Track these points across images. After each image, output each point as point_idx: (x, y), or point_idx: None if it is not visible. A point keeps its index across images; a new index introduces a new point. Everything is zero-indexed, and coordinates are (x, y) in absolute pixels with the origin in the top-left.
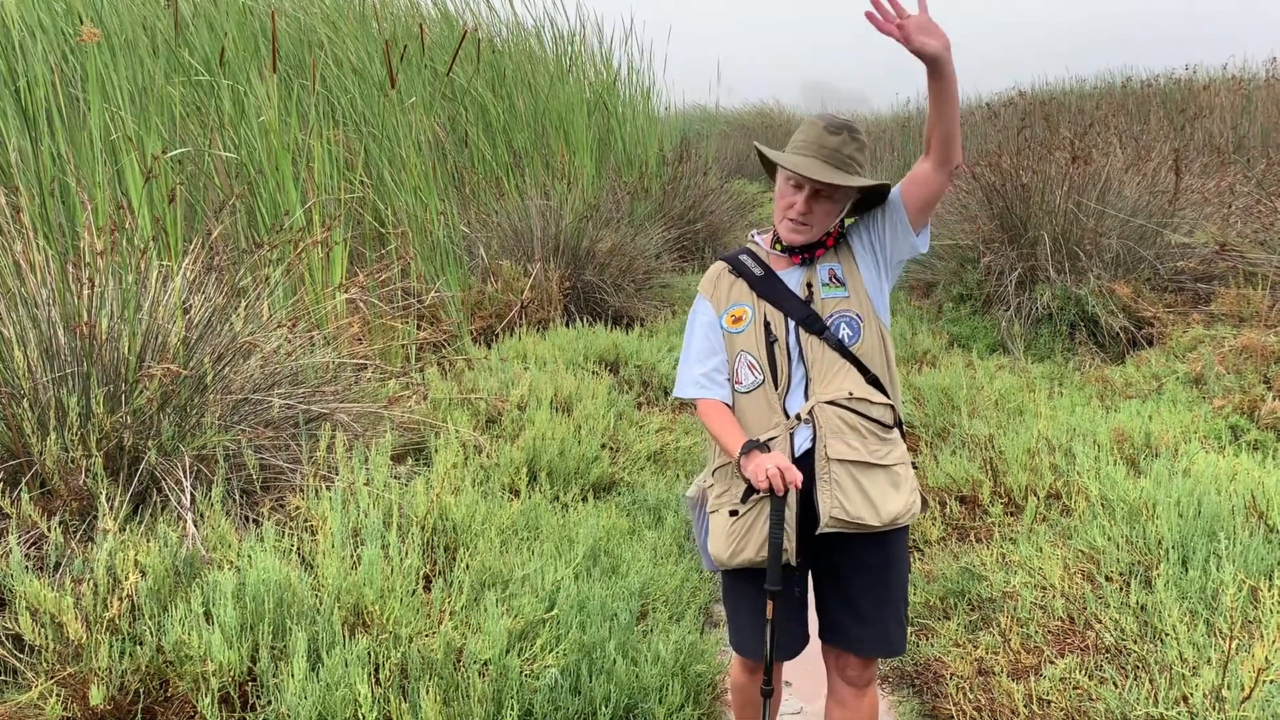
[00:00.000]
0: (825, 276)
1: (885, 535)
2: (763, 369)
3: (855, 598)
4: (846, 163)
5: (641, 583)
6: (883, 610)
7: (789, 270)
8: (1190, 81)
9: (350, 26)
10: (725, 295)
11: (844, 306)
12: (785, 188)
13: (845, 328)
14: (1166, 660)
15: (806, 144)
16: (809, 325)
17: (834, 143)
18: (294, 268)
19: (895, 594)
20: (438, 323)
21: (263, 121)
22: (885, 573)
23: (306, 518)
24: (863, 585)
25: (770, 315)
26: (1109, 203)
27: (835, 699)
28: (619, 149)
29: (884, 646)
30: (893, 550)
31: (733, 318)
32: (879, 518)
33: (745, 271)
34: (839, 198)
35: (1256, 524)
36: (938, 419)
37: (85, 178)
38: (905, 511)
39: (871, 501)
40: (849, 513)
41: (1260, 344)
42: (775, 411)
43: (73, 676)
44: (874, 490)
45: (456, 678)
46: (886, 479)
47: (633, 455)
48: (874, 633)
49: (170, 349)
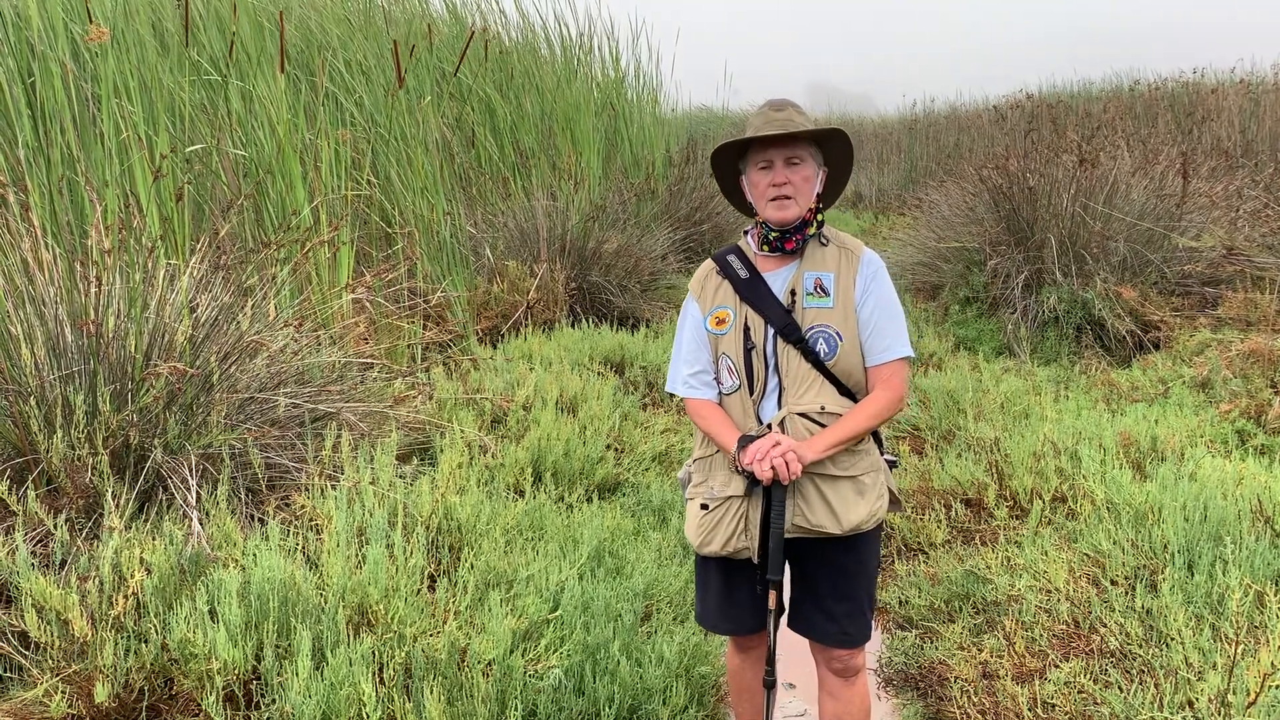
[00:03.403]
0: (811, 285)
1: (854, 539)
2: (740, 374)
3: (822, 594)
4: (799, 127)
5: (645, 584)
6: (847, 605)
7: (775, 272)
8: (1198, 84)
9: (359, 25)
10: (711, 296)
11: (825, 320)
12: (757, 175)
13: (823, 343)
14: (1172, 664)
15: (760, 126)
16: (787, 334)
17: (781, 116)
18: (301, 267)
19: (860, 592)
20: (443, 322)
21: (271, 120)
22: (855, 575)
23: (311, 517)
24: (829, 584)
25: (751, 320)
26: (1116, 206)
27: (825, 689)
28: (626, 150)
29: (846, 640)
30: (863, 552)
31: (716, 319)
32: (840, 526)
33: (731, 273)
34: (809, 162)
35: (1263, 528)
36: (943, 421)
37: (95, 176)
38: (869, 518)
39: (834, 511)
40: (810, 521)
41: (1267, 348)
42: (749, 417)
43: (78, 674)
44: (837, 500)
45: (460, 677)
46: (852, 489)
47: (637, 456)
48: (837, 629)
49: (177, 347)
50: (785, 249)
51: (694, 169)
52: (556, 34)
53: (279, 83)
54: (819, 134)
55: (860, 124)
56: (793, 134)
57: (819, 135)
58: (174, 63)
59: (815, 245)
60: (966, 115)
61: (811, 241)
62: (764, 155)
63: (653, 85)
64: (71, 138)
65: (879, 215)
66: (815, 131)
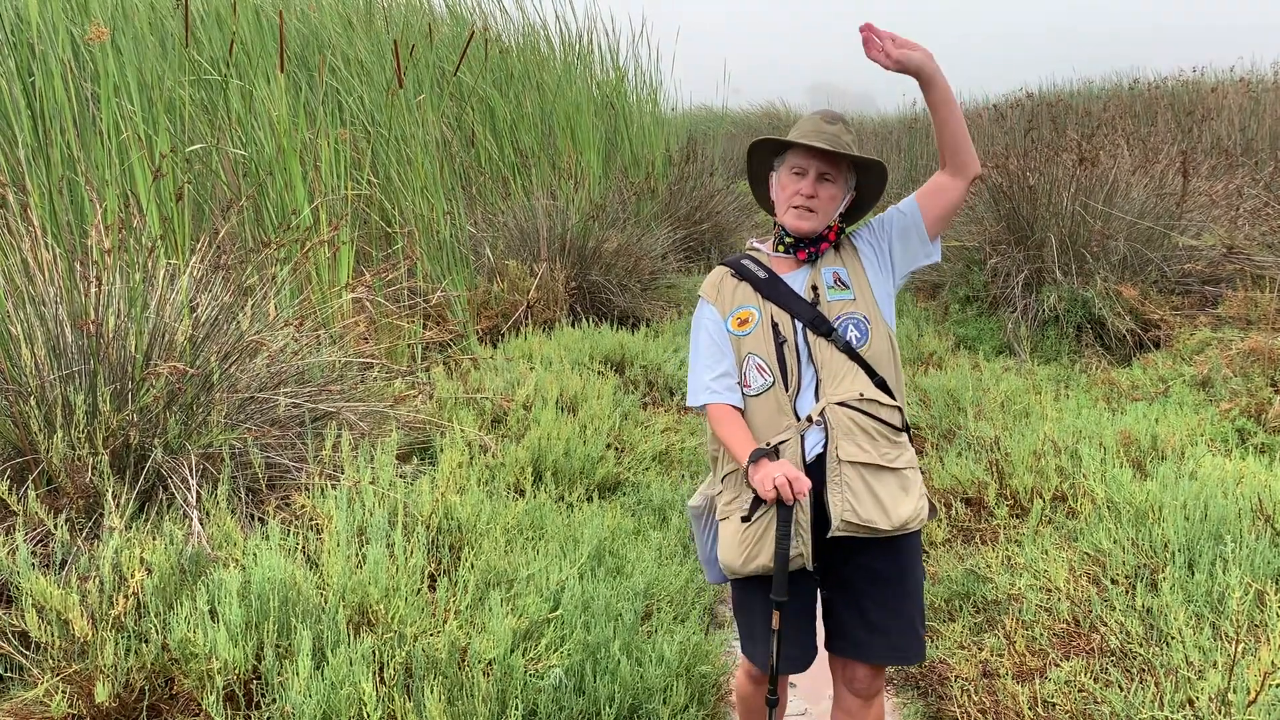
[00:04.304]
0: (830, 279)
1: (897, 543)
2: (772, 371)
3: (868, 608)
4: (845, 147)
5: (646, 583)
6: (897, 620)
7: (793, 273)
8: (1198, 83)
9: (360, 25)
10: (730, 298)
11: (850, 309)
12: (788, 178)
13: (853, 329)
14: (1172, 664)
15: (808, 132)
16: (816, 326)
17: (832, 130)
18: (301, 267)
19: (909, 604)
20: (444, 322)
21: (271, 120)
22: (900, 583)
23: (312, 516)
24: (876, 595)
25: (778, 316)
26: (1116, 205)
27: (841, 709)
28: (626, 149)
29: (897, 655)
30: (906, 559)
31: (738, 320)
32: (889, 521)
33: (749, 274)
34: (840, 183)
35: (1263, 527)
36: (944, 420)
37: (95, 176)
38: (914, 516)
39: (882, 505)
40: (860, 515)
41: (1267, 347)
42: (786, 414)
43: (78, 674)
44: (884, 494)
45: (461, 677)
46: (897, 482)
47: (638, 455)
48: (887, 643)
49: (177, 347)
50: (798, 257)
51: (694, 168)
52: (557, 33)
53: (279, 82)
54: (860, 161)
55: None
56: (835, 152)
57: (859, 162)
58: (174, 62)
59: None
60: (966, 114)
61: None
62: (801, 162)
63: (653, 84)
64: (72, 137)
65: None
66: (857, 159)
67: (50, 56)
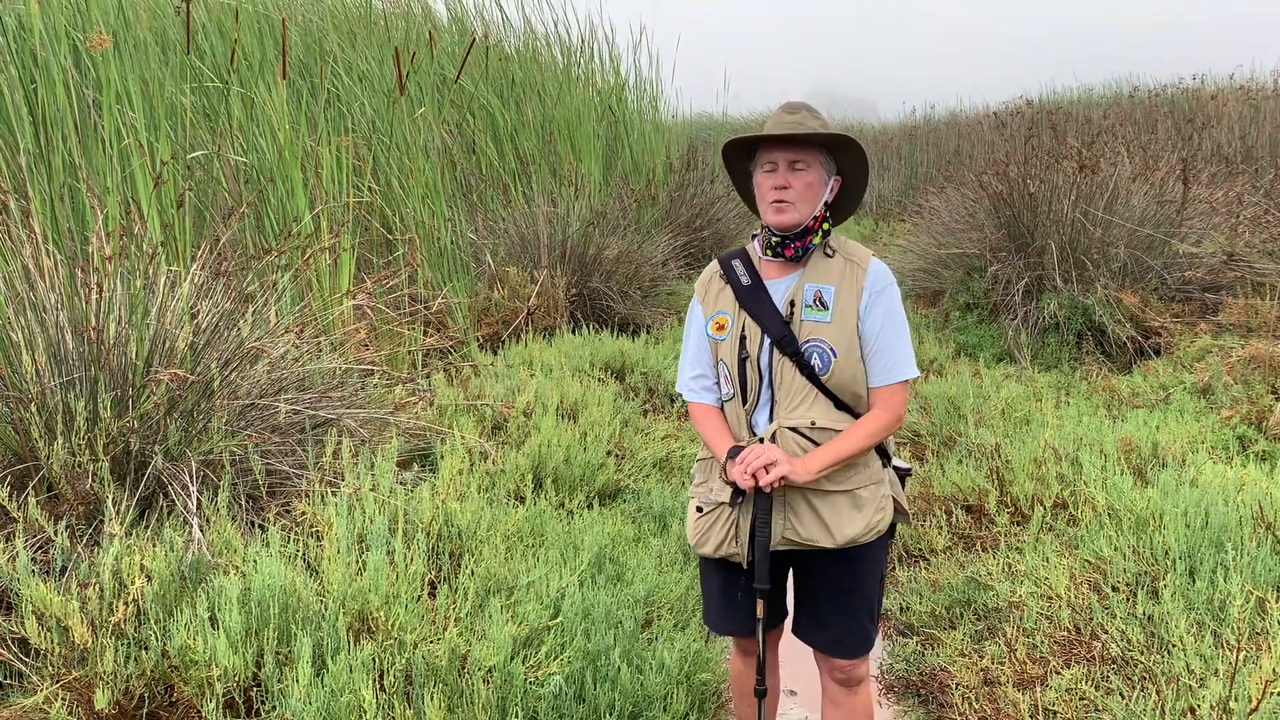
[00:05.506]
0: (810, 298)
1: (853, 553)
2: (734, 384)
3: (820, 604)
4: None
5: (646, 590)
6: (846, 619)
7: (777, 280)
8: (1198, 91)
9: (361, 32)
10: (714, 300)
11: (821, 334)
12: (762, 177)
13: (817, 358)
14: (1173, 671)
15: (769, 127)
16: (783, 345)
17: (793, 119)
18: (302, 273)
19: (858, 605)
20: (444, 329)
21: (272, 127)
22: (852, 589)
23: (312, 523)
24: (828, 595)
25: (749, 329)
26: (1116, 212)
27: (828, 697)
28: (626, 156)
29: (840, 649)
30: (862, 567)
31: (716, 325)
32: (834, 540)
33: (733, 279)
34: (816, 169)
35: (1264, 535)
36: (944, 428)
37: (96, 183)
38: (866, 532)
39: (825, 525)
40: (801, 535)
41: (1268, 354)
42: (743, 427)
43: (78, 680)
44: (830, 514)
45: (461, 684)
46: (848, 502)
47: (638, 462)
48: (831, 637)
49: (178, 354)
50: (785, 255)
51: (695, 175)
52: (557, 40)
53: (280, 89)
54: (826, 139)
55: (862, 130)
56: (796, 136)
57: (827, 141)
58: (175, 69)
59: (820, 255)
60: (967, 122)
61: (816, 251)
62: (769, 157)
63: (653, 91)
64: (73, 144)
65: (879, 221)
66: (821, 136)
67: (52, 63)
